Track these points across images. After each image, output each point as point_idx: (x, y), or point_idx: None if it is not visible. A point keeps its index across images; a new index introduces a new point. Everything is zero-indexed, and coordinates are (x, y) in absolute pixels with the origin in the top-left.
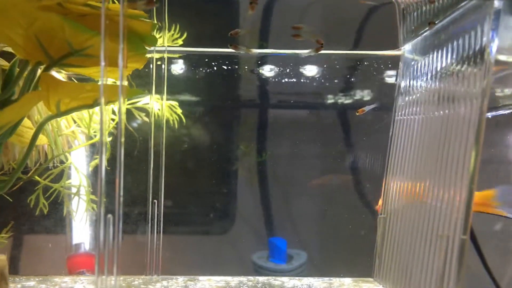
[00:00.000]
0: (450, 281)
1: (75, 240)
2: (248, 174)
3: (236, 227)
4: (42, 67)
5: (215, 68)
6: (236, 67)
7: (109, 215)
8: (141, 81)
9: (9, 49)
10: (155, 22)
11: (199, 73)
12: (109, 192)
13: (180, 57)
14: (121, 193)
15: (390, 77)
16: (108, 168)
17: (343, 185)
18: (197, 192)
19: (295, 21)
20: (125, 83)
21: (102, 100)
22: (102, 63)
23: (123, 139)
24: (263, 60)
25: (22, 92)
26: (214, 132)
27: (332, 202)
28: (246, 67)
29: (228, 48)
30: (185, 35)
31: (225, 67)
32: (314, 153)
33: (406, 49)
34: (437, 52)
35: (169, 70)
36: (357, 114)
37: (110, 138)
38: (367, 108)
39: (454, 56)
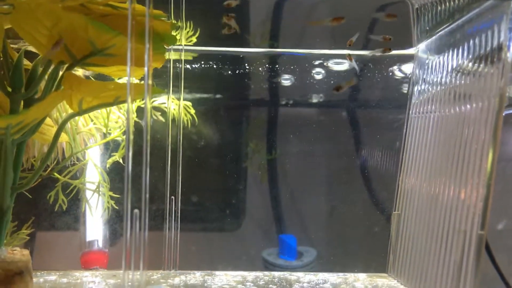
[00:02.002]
0: (468, 276)
1: (89, 237)
2: (258, 172)
3: (246, 224)
4: (65, 66)
5: (226, 67)
6: (249, 67)
7: (136, 210)
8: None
9: (31, 49)
10: (174, 21)
11: (210, 71)
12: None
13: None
14: (147, 189)
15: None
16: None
17: (353, 182)
18: (207, 190)
19: (305, 19)
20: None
21: (129, 99)
22: (129, 62)
23: (149, 137)
24: (273, 59)
25: (45, 91)
26: (224, 130)
27: (342, 199)
28: (259, 66)
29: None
30: (198, 32)
31: (235, 66)
32: (324, 151)
33: (420, 48)
34: (453, 51)
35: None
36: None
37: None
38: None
39: (470, 55)
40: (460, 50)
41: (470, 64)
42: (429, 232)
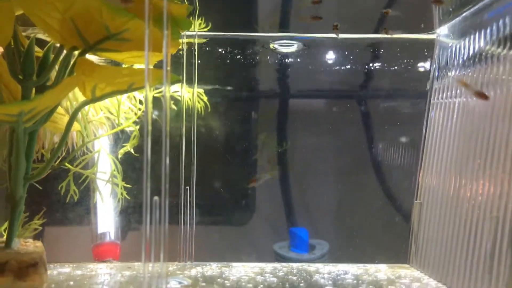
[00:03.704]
0: (502, 264)
1: (100, 229)
2: (268, 165)
3: (256, 217)
4: (77, 52)
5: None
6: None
7: (155, 197)
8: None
9: (41, 36)
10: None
11: (220, 61)
12: (138, 178)
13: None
14: (167, 179)
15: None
16: (137, 155)
17: (363, 175)
18: (219, 182)
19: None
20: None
21: (147, 86)
22: (146, 47)
23: (168, 128)
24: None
25: (58, 78)
26: (234, 122)
27: (354, 192)
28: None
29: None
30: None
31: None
32: (334, 144)
33: (441, 32)
34: (479, 33)
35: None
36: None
37: (138, 126)
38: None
39: (501, 36)
40: (488, 31)
41: (500, 46)
42: (456, 221)
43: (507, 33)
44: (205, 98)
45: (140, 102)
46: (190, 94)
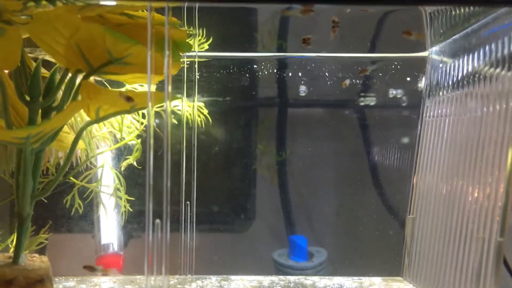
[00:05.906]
0: (487, 283)
1: (103, 241)
2: (268, 173)
3: (255, 226)
4: (82, 74)
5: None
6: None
7: (157, 220)
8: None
9: (47, 58)
10: (189, 29)
11: (220, 75)
12: (141, 193)
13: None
14: (169, 198)
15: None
16: (140, 167)
17: (362, 184)
18: (217, 191)
19: (313, 24)
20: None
21: (150, 105)
22: (149, 71)
23: (169, 146)
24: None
25: (63, 100)
26: (233, 132)
27: (352, 200)
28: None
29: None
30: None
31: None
32: (333, 152)
33: (433, 52)
34: (468, 55)
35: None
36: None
37: (140, 140)
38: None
39: (487, 59)
40: (476, 54)
41: (487, 68)
42: (446, 237)
43: (493, 57)
44: (205, 112)
45: (143, 116)
46: (191, 109)
